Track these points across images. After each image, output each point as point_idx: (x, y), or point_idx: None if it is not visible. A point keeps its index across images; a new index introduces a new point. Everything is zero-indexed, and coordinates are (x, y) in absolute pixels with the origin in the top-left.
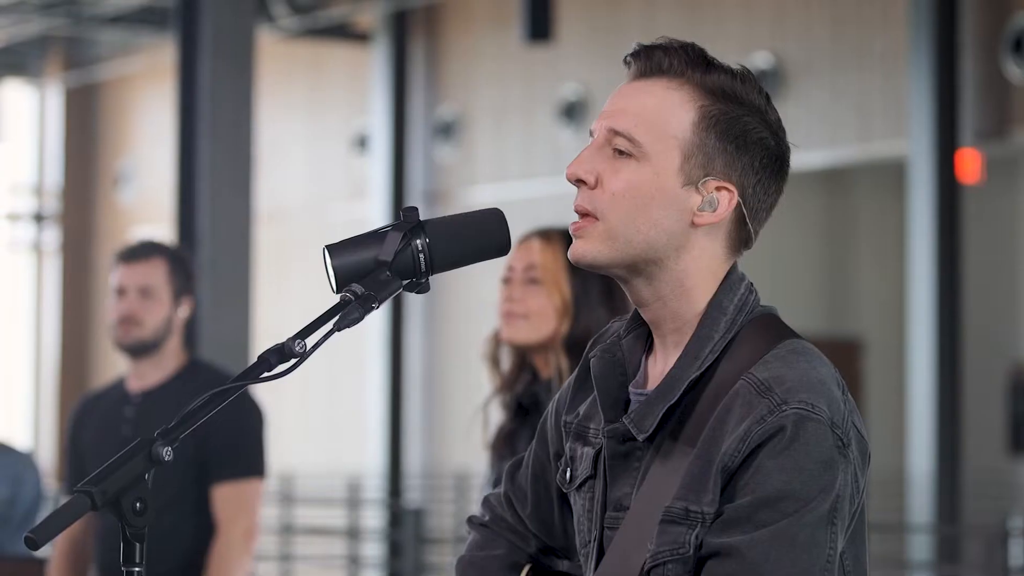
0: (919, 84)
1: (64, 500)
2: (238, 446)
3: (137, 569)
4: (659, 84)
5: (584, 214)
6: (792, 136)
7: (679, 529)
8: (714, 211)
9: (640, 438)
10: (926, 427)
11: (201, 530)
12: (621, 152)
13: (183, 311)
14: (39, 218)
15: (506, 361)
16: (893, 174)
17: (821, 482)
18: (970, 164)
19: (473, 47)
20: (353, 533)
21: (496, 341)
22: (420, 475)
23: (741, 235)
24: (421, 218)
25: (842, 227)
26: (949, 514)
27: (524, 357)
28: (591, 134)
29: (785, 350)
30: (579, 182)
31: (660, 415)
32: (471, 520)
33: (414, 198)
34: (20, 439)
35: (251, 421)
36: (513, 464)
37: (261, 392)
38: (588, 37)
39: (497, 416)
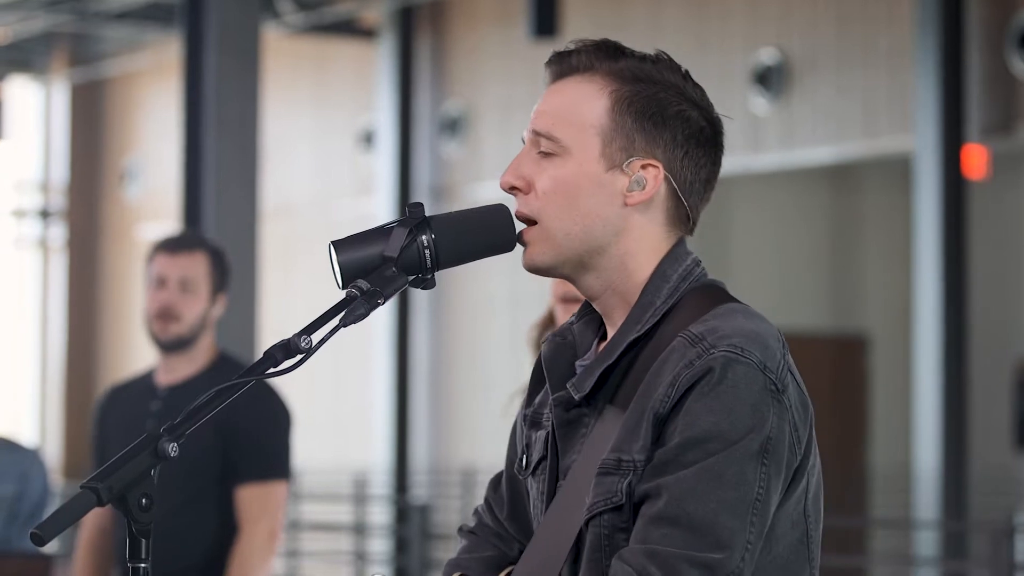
0: (925, 80)
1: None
2: (264, 447)
3: (143, 565)
4: (572, 81)
5: (525, 220)
6: (798, 133)
7: (612, 479)
8: (643, 189)
9: (577, 397)
10: (932, 423)
11: (224, 528)
12: (546, 152)
13: (218, 308)
14: (45, 214)
15: None
16: (899, 170)
17: (750, 422)
18: (976, 160)
19: (479, 43)
20: (359, 529)
21: (544, 327)
22: (426, 471)
23: (680, 211)
24: (427, 214)
25: (848, 223)
26: (955, 510)
27: None
28: (523, 141)
29: (724, 309)
30: (513, 189)
31: (597, 375)
32: (461, 529)
33: (420, 194)
34: (26, 435)
35: (279, 423)
36: (497, 474)
37: None
38: (593, 33)
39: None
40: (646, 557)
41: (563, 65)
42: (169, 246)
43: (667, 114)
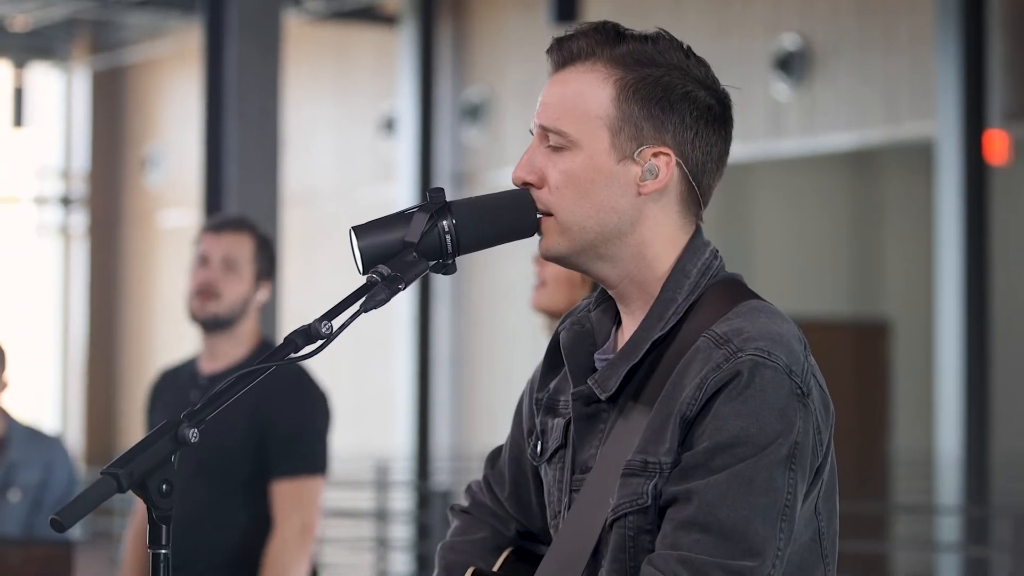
0: (946, 65)
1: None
2: (300, 442)
3: (164, 551)
4: (574, 71)
5: (540, 213)
6: (819, 119)
7: (638, 481)
8: (656, 177)
9: (603, 397)
10: (954, 409)
11: (259, 521)
12: (555, 146)
13: (262, 294)
14: (66, 202)
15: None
16: (921, 156)
17: (778, 427)
18: (998, 145)
19: (500, 29)
20: (381, 515)
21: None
22: (448, 457)
23: (692, 194)
24: (447, 199)
25: (869, 209)
26: (977, 495)
27: None
28: (531, 133)
29: (746, 308)
30: (526, 184)
31: (623, 375)
32: (453, 508)
33: (442, 180)
34: (48, 422)
35: (316, 416)
36: (494, 451)
37: None
38: (614, 18)
39: None
40: (679, 564)
41: (564, 52)
42: (215, 225)
43: (673, 97)
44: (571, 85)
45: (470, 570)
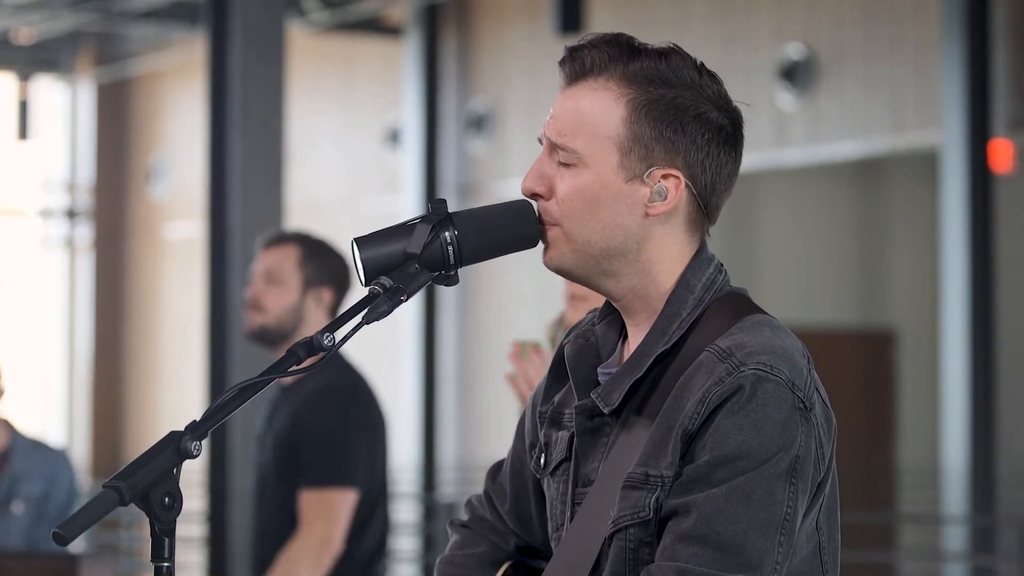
0: (951, 74)
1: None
2: (328, 453)
3: (166, 564)
4: (586, 87)
5: (548, 223)
6: (824, 128)
7: (639, 493)
8: (664, 199)
9: (606, 411)
10: (960, 418)
11: None
12: (564, 162)
13: (318, 300)
14: (71, 214)
15: None
16: (926, 164)
17: (779, 441)
18: (1003, 154)
19: (505, 40)
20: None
21: (560, 324)
22: (454, 468)
23: (700, 215)
24: (450, 210)
25: (875, 218)
26: (983, 505)
27: None
28: (540, 142)
29: (750, 323)
30: (534, 195)
31: (626, 388)
32: (452, 522)
33: (446, 191)
34: (54, 435)
35: (349, 427)
36: (495, 465)
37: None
38: (619, 29)
39: None
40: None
41: (576, 65)
42: (263, 242)
43: (686, 119)
44: (582, 101)
45: None
